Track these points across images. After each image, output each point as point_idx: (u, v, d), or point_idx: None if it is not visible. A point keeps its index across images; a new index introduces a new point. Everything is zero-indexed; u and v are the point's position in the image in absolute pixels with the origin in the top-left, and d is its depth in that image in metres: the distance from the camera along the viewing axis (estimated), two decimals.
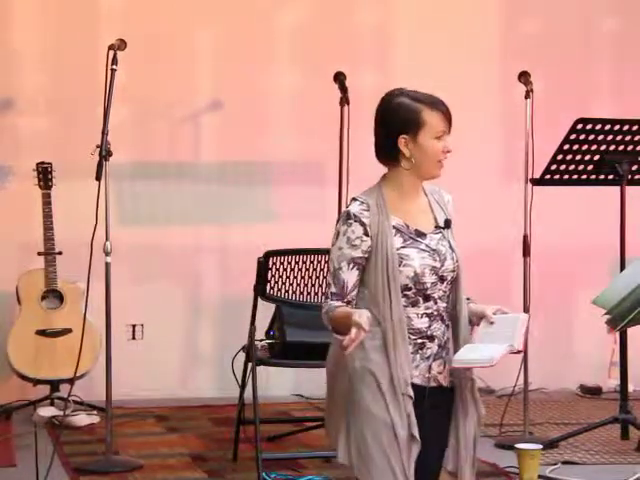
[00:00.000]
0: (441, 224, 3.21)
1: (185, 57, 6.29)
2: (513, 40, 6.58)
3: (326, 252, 4.88)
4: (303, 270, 4.84)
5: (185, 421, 5.76)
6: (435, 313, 3.16)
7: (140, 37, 5.87)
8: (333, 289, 3.17)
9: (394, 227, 3.15)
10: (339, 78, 5.65)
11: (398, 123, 3.16)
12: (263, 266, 4.80)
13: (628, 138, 5.27)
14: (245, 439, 4.96)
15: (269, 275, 4.81)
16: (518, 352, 3.11)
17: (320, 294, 4.85)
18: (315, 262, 4.85)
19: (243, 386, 4.94)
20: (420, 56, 6.40)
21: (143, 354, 6.23)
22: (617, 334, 5.44)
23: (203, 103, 6.34)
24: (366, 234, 3.13)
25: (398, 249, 3.12)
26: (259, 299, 4.87)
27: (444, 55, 6.42)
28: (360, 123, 5.92)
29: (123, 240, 5.76)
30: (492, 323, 3.15)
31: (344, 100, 5.60)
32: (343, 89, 5.61)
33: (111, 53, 4.85)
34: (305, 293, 4.86)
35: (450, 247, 3.19)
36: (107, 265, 4.94)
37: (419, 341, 3.15)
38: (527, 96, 5.31)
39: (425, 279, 3.13)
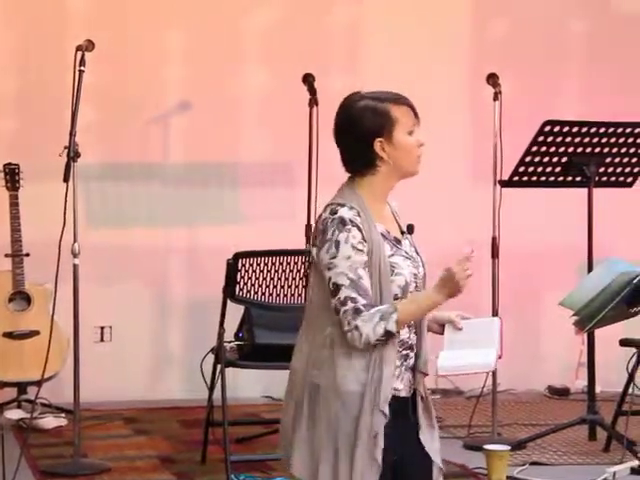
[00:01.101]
0: (404, 229, 3.07)
1: (154, 58, 6.27)
2: (482, 42, 6.61)
3: (295, 253, 4.89)
4: (272, 272, 4.84)
5: (153, 423, 5.74)
6: (412, 322, 3.01)
7: (109, 38, 5.84)
8: (362, 300, 2.88)
9: (381, 234, 2.97)
10: (308, 80, 5.65)
11: (369, 127, 3.01)
12: (232, 268, 4.79)
13: (595, 140, 5.30)
14: (214, 441, 4.94)
15: (238, 277, 4.80)
16: (499, 357, 3.02)
17: (289, 295, 4.85)
18: (284, 263, 4.84)
19: (212, 388, 4.93)
20: (389, 58, 6.41)
21: (111, 356, 6.20)
22: (585, 335, 5.47)
23: (172, 104, 6.32)
24: (364, 239, 2.92)
25: (388, 257, 2.95)
26: (228, 301, 4.86)
27: (413, 57, 6.43)
28: (329, 124, 5.88)
29: (91, 242, 5.73)
30: (460, 329, 3.03)
31: (313, 101, 5.60)
32: (312, 91, 5.61)
33: (79, 54, 4.83)
34: (274, 295, 4.85)
35: (417, 252, 3.06)
36: (75, 267, 4.92)
37: (404, 352, 2.99)
38: (495, 98, 5.33)
39: (410, 288, 2.98)
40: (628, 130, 5.33)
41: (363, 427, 2.90)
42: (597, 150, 5.32)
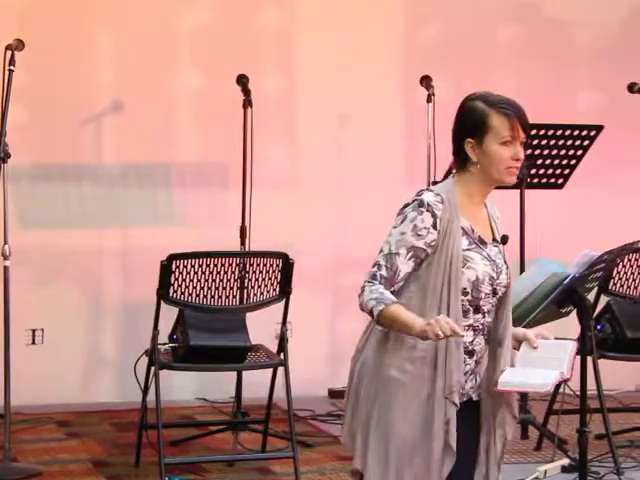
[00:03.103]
0: (498, 238, 3.12)
1: (86, 58, 6.21)
2: (415, 44, 6.64)
3: (230, 255, 4.88)
4: (207, 273, 4.82)
5: (86, 426, 5.69)
6: (480, 327, 3.05)
7: (40, 38, 5.78)
8: (384, 272, 2.97)
9: (462, 228, 3.03)
10: (242, 81, 5.63)
11: (466, 126, 3.12)
12: (166, 269, 4.77)
13: (527, 142, 5.33)
14: (148, 444, 4.92)
15: (172, 278, 4.77)
16: (565, 380, 3.12)
17: (224, 297, 4.84)
18: (219, 265, 4.82)
19: (146, 390, 4.90)
20: (322, 59, 6.42)
21: (43, 359, 6.13)
22: None
23: (104, 105, 6.27)
24: (434, 226, 2.99)
25: (464, 250, 3.00)
26: (162, 302, 4.83)
27: (346, 58, 6.45)
28: (263, 125, 5.95)
29: (22, 243, 5.64)
30: (535, 347, 3.08)
31: (247, 102, 5.59)
32: (246, 91, 5.60)
33: (8, 53, 4.78)
34: (209, 296, 4.83)
35: (505, 262, 3.11)
36: (6, 269, 4.86)
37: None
38: (429, 100, 5.36)
39: (483, 287, 3.02)
40: (559, 132, 5.39)
41: (395, 421, 2.98)
42: (529, 152, 5.37)
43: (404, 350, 2.98)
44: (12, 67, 4.77)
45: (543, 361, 3.07)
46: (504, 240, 3.15)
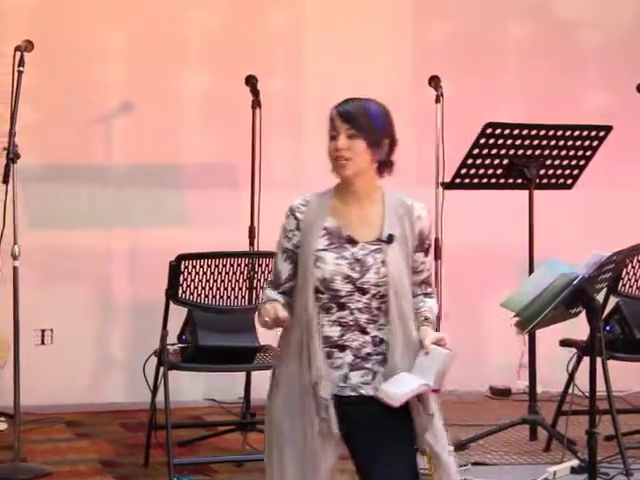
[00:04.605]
0: (384, 238, 3.12)
1: (95, 59, 6.22)
2: (424, 44, 6.64)
3: (238, 255, 4.89)
4: (215, 274, 4.82)
5: (96, 427, 5.70)
6: (351, 323, 3.08)
7: (50, 39, 5.80)
8: (271, 275, 3.23)
9: (326, 228, 3.11)
10: (251, 81, 5.64)
11: None
12: (175, 269, 4.77)
13: (536, 142, 5.35)
14: (157, 444, 4.92)
15: (181, 279, 4.78)
16: (434, 391, 3.04)
17: (233, 297, 4.84)
18: (228, 265, 4.83)
19: (155, 391, 4.90)
20: (331, 60, 6.43)
21: (53, 359, 6.14)
22: (526, 336, 5.52)
23: (113, 105, 6.28)
24: (298, 229, 3.13)
25: (318, 250, 3.08)
26: (171, 303, 4.84)
27: (355, 59, 6.45)
28: (272, 126, 5.95)
29: (32, 244, 5.66)
30: (427, 354, 3.07)
31: (256, 103, 5.59)
32: (255, 92, 5.60)
33: (18, 54, 4.78)
34: (218, 297, 4.84)
35: (382, 261, 3.09)
36: (15, 269, 4.86)
37: (326, 349, 3.08)
38: (437, 100, 5.36)
39: (336, 286, 3.06)
40: (568, 133, 5.39)
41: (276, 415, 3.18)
42: (538, 152, 5.37)
43: (285, 346, 3.14)
44: (21, 68, 4.77)
45: (425, 369, 3.01)
46: (389, 239, 3.11)
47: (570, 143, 5.41)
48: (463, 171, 5.34)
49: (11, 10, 6.10)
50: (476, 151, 5.30)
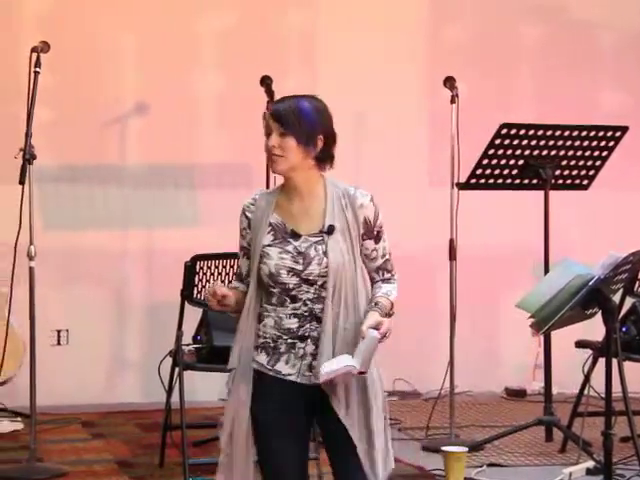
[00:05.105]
0: (325, 229, 3.19)
1: (110, 60, 6.24)
2: (439, 45, 6.64)
3: None
4: (231, 274, 4.83)
5: (111, 427, 5.71)
6: (306, 314, 3.17)
7: (65, 40, 5.82)
8: (237, 270, 3.36)
9: (271, 224, 3.22)
10: (265, 82, 5.64)
11: None
12: (190, 270, 4.78)
13: (551, 143, 5.34)
14: (172, 444, 4.93)
15: (196, 279, 4.78)
16: (360, 373, 3.11)
17: None
18: None
19: (170, 391, 4.91)
20: (346, 60, 6.43)
21: (68, 359, 6.16)
22: (541, 337, 5.51)
23: (128, 106, 6.29)
24: (249, 227, 3.25)
25: (265, 246, 3.19)
26: (186, 303, 4.84)
27: (370, 60, 6.45)
28: None
29: (48, 244, 5.67)
30: (363, 338, 3.13)
31: (271, 104, 5.58)
32: (269, 93, 5.60)
33: (34, 56, 4.80)
34: None
35: (324, 252, 3.17)
36: (31, 270, 4.87)
37: (289, 341, 3.18)
38: (452, 101, 5.35)
39: (282, 279, 3.16)
40: (584, 133, 5.38)
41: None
42: (553, 153, 5.36)
43: (237, 333, 3.30)
44: (38, 69, 4.79)
45: (358, 352, 3.10)
46: (330, 230, 3.19)
47: (586, 143, 5.39)
48: (478, 171, 5.33)
49: (27, 12, 6.12)
50: (491, 151, 5.29)
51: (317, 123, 3.22)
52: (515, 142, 5.29)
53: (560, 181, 5.47)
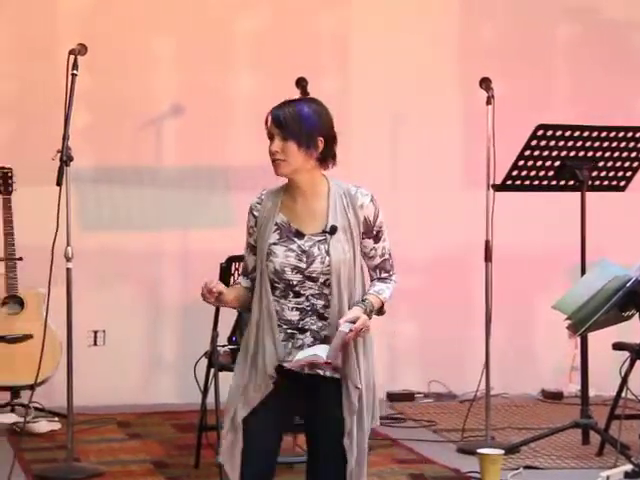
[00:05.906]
0: (327, 229, 3.30)
1: (146, 62, 6.27)
2: (474, 46, 6.62)
3: None
4: None
5: (147, 427, 5.73)
6: (308, 309, 3.30)
7: (103, 42, 5.85)
8: (242, 266, 3.49)
9: (277, 224, 3.34)
10: (301, 84, 5.64)
11: None
12: (225, 271, 4.79)
13: (588, 144, 5.31)
14: (207, 445, 4.94)
15: (231, 280, 4.79)
16: (326, 364, 3.21)
17: None
18: None
19: (205, 392, 4.93)
20: (381, 62, 6.42)
21: (105, 360, 6.19)
22: (578, 339, 5.48)
23: (164, 108, 6.32)
24: (256, 225, 3.39)
25: (271, 244, 3.32)
26: None
27: (404, 61, 6.44)
28: None
29: (84, 245, 5.72)
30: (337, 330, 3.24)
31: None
32: (305, 94, 5.60)
33: (72, 58, 4.83)
34: None
35: (327, 251, 3.27)
36: (68, 271, 4.90)
37: (289, 331, 3.31)
38: (488, 102, 5.33)
39: (287, 276, 3.29)
40: (621, 134, 5.34)
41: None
42: (590, 154, 5.33)
43: (249, 326, 3.43)
44: (75, 71, 4.81)
45: (331, 344, 3.21)
46: (332, 230, 3.29)
47: (623, 145, 5.36)
48: (514, 173, 5.31)
49: (65, 14, 6.16)
50: (527, 153, 5.27)
51: (317, 126, 3.35)
52: (551, 143, 5.26)
53: (597, 182, 5.44)
